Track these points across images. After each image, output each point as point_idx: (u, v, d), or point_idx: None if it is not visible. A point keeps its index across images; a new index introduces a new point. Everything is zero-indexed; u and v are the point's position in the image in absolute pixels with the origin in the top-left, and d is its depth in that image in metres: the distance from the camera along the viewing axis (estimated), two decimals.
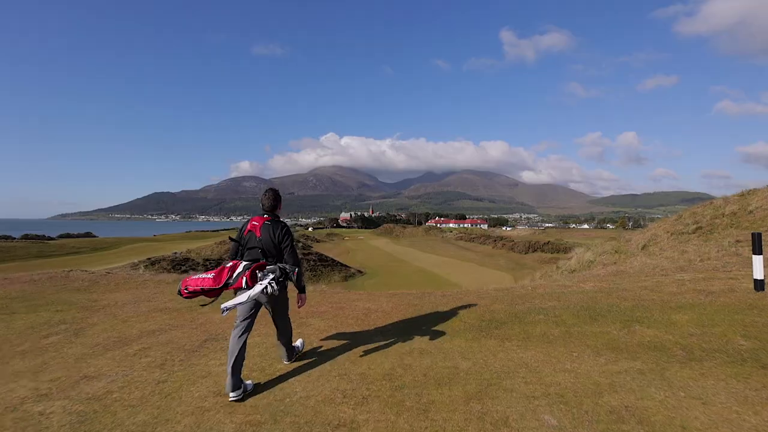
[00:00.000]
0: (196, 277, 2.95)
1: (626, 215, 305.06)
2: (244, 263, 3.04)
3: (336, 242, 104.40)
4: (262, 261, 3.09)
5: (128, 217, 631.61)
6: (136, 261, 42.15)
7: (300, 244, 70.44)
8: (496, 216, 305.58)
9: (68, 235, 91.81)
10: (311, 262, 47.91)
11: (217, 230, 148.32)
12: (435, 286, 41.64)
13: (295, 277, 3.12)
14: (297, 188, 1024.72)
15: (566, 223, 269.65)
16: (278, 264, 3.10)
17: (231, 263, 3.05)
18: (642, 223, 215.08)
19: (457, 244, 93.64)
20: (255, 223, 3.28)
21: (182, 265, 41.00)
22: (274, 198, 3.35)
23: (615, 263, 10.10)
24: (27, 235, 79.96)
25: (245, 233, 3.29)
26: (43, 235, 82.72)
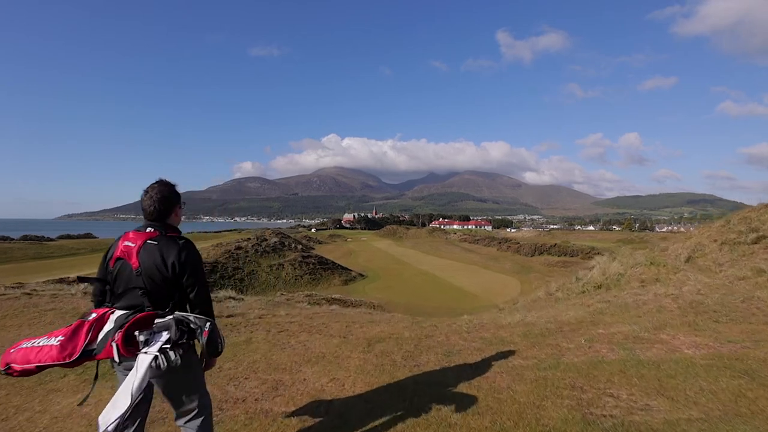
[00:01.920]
0: (29, 345, 1.67)
1: (631, 216, 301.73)
2: (117, 315, 1.76)
3: (338, 244, 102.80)
4: (148, 311, 1.78)
5: (134, 218, 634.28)
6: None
7: (300, 246, 68.81)
8: (500, 217, 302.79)
9: (68, 236, 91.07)
10: (311, 266, 46.29)
11: (220, 231, 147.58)
12: (438, 290, 39.85)
13: (206, 338, 1.80)
14: (301, 189, 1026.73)
15: (571, 224, 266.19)
16: (176, 314, 1.79)
17: (94, 315, 1.76)
18: (648, 225, 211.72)
19: (461, 245, 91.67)
20: (129, 243, 1.91)
21: None
22: (162, 197, 1.99)
23: (657, 280, 8.30)
24: (26, 236, 79.36)
25: (112, 262, 1.94)
26: (42, 236, 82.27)
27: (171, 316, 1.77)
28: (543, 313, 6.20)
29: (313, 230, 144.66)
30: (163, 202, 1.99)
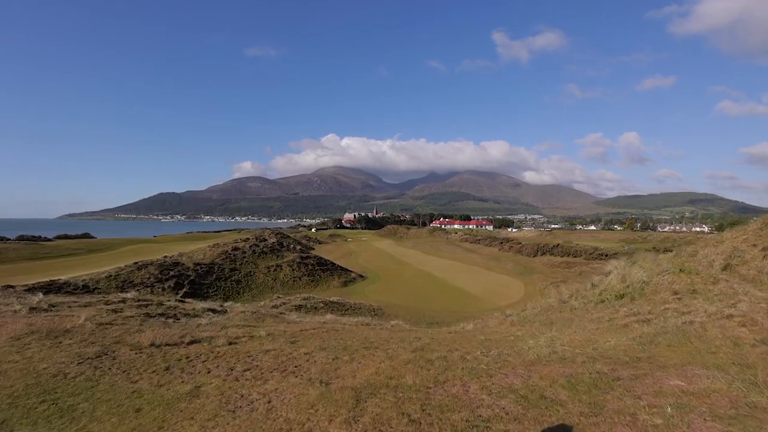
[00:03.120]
0: None
1: (632, 216, 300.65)
2: None
3: (338, 244, 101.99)
4: None
5: (134, 218, 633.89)
6: (122, 265, 39.88)
7: (299, 247, 67.94)
8: (500, 217, 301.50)
9: (65, 236, 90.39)
10: (309, 267, 45.33)
11: (219, 231, 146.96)
12: (440, 292, 38.86)
13: None
14: (301, 189, 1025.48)
15: (572, 224, 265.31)
16: None
17: None
18: (650, 224, 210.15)
19: (463, 245, 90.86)
20: None
21: (171, 269, 38.64)
22: None
23: (694, 292, 7.28)
24: (22, 236, 78.76)
25: None
26: (39, 236, 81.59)
27: None
28: (571, 334, 5.18)
29: (313, 230, 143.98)
30: None
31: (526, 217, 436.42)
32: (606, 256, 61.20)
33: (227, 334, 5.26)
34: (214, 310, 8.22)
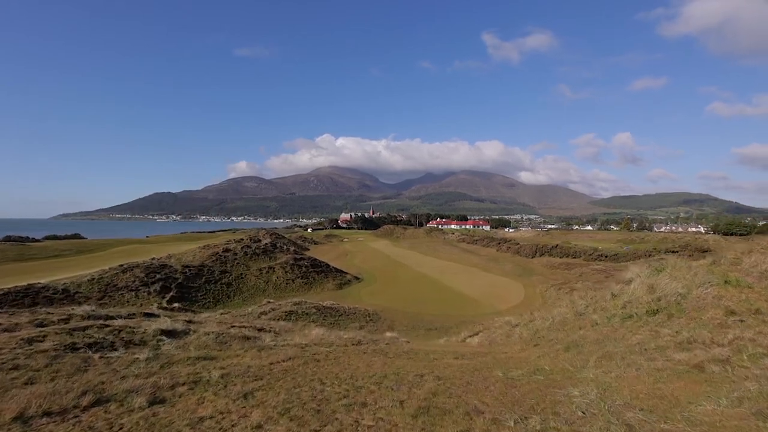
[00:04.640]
0: None
1: (629, 216, 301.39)
2: None
3: (334, 244, 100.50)
4: None
5: (129, 218, 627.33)
6: (106, 267, 38.21)
7: (293, 248, 66.46)
8: (497, 217, 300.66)
9: (54, 237, 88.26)
10: (303, 269, 43.90)
11: (214, 231, 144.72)
12: (437, 295, 37.61)
13: None
14: (298, 189, 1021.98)
15: (569, 224, 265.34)
16: None
17: None
18: (646, 224, 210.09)
19: (460, 246, 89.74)
20: None
21: (158, 272, 37.04)
22: None
23: (757, 312, 5.96)
24: (9, 236, 76.75)
25: None
26: (27, 237, 79.60)
27: None
28: (626, 377, 3.81)
29: (309, 230, 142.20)
30: None
31: (522, 217, 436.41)
32: (606, 257, 60.29)
33: (159, 382, 3.83)
34: (172, 332, 6.75)
